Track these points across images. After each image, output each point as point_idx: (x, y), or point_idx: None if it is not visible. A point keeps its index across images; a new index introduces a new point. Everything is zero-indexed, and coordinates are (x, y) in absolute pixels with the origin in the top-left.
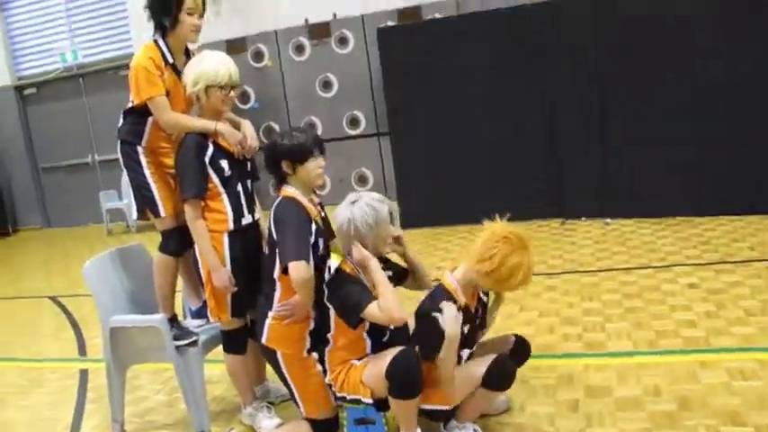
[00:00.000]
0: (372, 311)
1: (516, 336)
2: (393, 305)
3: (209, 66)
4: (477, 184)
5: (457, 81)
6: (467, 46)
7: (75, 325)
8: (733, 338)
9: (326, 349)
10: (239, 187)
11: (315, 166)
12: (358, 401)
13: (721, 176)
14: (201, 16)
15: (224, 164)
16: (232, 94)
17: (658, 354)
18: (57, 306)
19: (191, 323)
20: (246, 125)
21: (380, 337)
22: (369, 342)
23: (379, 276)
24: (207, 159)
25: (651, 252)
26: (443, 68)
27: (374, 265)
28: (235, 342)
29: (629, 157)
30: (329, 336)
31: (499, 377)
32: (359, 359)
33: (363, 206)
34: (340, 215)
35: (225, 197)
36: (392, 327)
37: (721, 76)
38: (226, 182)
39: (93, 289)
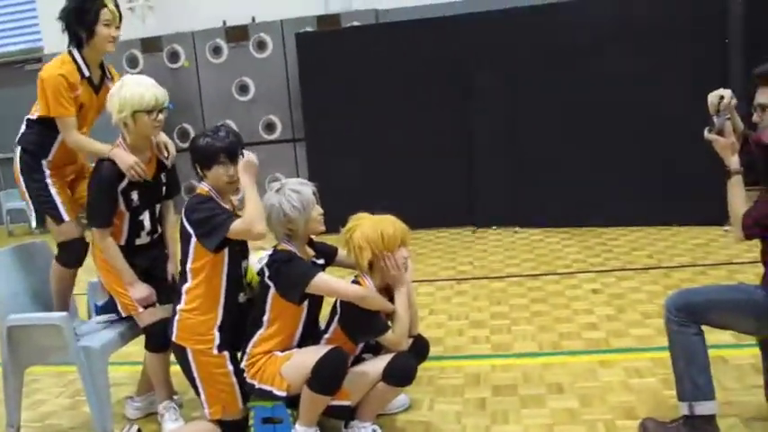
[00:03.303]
0: (321, 282)
1: (416, 335)
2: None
3: (133, 91)
4: (391, 191)
5: (373, 89)
6: (384, 55)
7: None
8: (631, 339)
9: (257, 332)
10: (145, 213)
11: (222, 173)
12: (268, 394)
13: (627, 190)
14: (118, 27)
15: (134, 195)
16: (160, 117)
17: (561, 354)
18: None
19: (96, 319)
20: (166, 143)
21: (313, 332)
22: (299, 335)
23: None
24: (120, 189)
25: (558, 259)
26: (360, 76)
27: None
28: (157, 338)
29: (539, 169)
30: (264, 318)
31: (400, 373)
32: (282, 351)
33: (288, 191)
34: (267, 204)
35: (126, 220)
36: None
37: (628, 93)
38: (133, 210)
39: None
